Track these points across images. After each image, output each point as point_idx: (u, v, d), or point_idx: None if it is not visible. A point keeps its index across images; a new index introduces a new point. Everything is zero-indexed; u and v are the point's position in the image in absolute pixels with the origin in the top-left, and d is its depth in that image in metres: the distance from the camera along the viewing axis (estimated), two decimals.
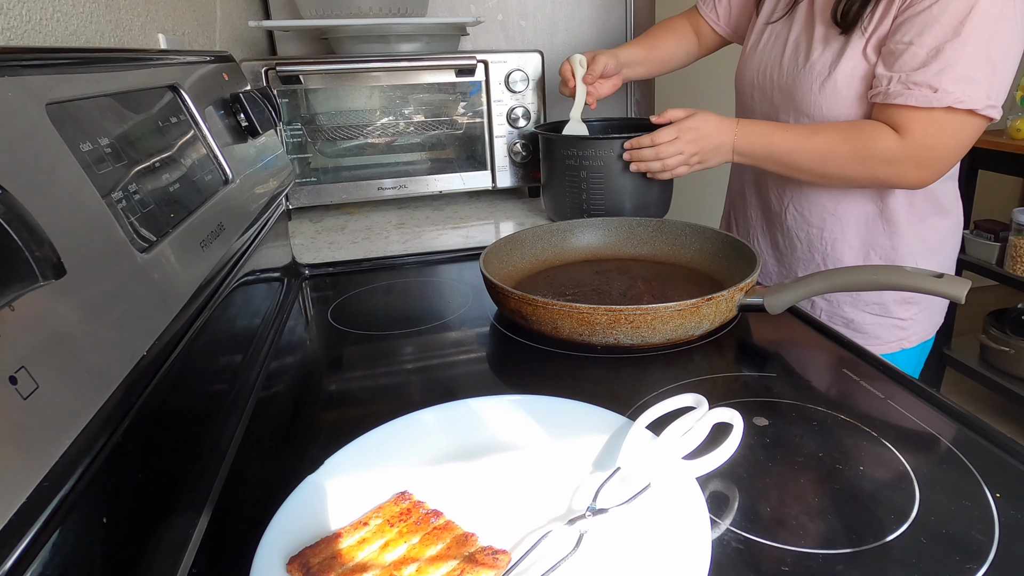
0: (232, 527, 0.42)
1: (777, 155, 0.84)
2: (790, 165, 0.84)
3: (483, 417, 0.49)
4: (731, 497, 0.42)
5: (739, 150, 0.86)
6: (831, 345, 0.64)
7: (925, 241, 0.89)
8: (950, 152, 0.77)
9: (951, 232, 0.93)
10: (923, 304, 0.92)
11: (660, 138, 0.87)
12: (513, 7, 1.35)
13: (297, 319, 0.77)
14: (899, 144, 0.76)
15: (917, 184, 0.79)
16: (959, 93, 0.72)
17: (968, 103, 0.72)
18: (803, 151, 0.82)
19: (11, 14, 0.49)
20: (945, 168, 0.79)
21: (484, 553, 0.35)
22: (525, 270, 0.81)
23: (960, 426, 0.49)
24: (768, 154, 0.84)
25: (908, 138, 0.75)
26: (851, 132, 0.80)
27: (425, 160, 1.21)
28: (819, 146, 0.81)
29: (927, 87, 0.72)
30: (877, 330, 0.92)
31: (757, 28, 0.96)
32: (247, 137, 0.69)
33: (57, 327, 0.29)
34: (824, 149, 0.81)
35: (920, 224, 0.88)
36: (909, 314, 0.92)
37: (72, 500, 0.28)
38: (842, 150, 0.79)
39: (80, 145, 0.37)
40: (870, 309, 0.92)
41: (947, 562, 0.36)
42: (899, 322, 0.92)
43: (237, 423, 0.53)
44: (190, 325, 0.44)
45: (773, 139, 0.84)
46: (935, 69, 0.72)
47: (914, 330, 0.93)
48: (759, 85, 0.93)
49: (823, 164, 0.81)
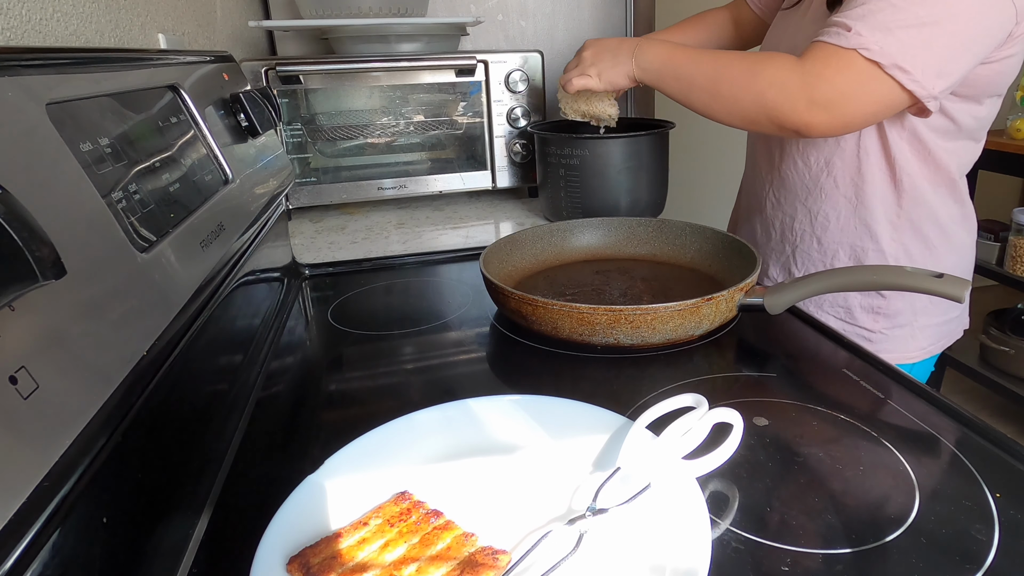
0: (232, 527, 0.42)
1: (674, 66, 0.80)
2: (684, 80, 0.79)
3: (483, 417, 0.49)
4: (731, 497, 0.42)
5: (640, 61, 0.83)
6: (831, 345, 0.64)
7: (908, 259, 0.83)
8: (851, 101, 0.69)
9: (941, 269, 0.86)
10: (897, 321, 0.86)
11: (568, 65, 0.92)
12: (513, 7, 1.35)
13: (297, 319, 0.77)
14: (795, 66, 0.70)
15: (806, 125, 0.71)
16: (869, 40, 0.65)
17: (876, 55, 0.65)
18: (699, 64, 0.78)
19: (11, 14, 0.49)
20: (844, 120, 0.71)
21: (484, 553, 0.35)
22: (525, 270, 0.81)
23: (960, 426, 0.49)
24: (664, 65, 0.81)
25: (806, 63, 0.69)
26: (751, 53, 0.77)
27: (425, 160, 1.21)
28: (716, 61, 0.77)
29: (842, 26, 0.67)
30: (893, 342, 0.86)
31: (776, 18, 0.94)
32: (247, 137, 0.69)
33: (57, 327, 0.29)
34: (720, 63, 0.76)
35: (897, 239, 0.83)
36: (878, 327, 0.86)
37: (72, 500, 0.28)
38: (737, 66, 0.75)
39: (80, 145, 0.37)
40: (835, 312, 0.88)
41: (947, 562, 0.36)
42: (865, 332, 0.87)
43: (237, 423, 0.53)
44: (190, 325, 0.44)
45: (674, 51, 0.81)
46: (859, 13, 0.67)
47: (884, 346, 0.87)
48: None
49: (715, 78, 0.76)
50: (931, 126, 0.77)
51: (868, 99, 0.69)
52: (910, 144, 0.79)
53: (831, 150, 0.83)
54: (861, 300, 0.86)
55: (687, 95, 0.80)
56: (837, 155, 0.83)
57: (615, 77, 0.86)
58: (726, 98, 0.76)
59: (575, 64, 0.90)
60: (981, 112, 0.78)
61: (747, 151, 1.02)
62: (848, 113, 0.70)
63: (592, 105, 0.96)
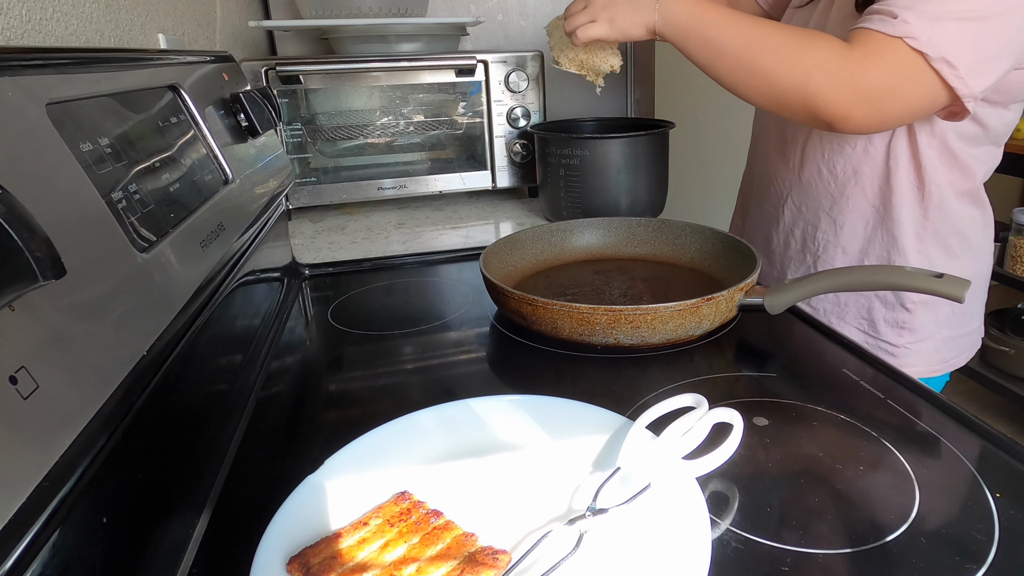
0: (232, 527, 0.42)
1: (705, 24, 0.70)
2: (715, 42, 0.70)
3: (483, 417, 0.49)
4: (731, 497, 0.42)
5: (665, 11, 0.72)
6: (831, 345, 0.64)
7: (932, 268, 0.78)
8: (895, 92, 0.64)
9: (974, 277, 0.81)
10: (921, 335, 0.84)
11: (571, 5, 0.79)
12: (513, 7, 1.35)
13: (297, 319, 0.77)
14: (843, 52, 0.64)
15: (844, 115, 0.66)
16: (916, 28, 0.61)
17: (922, 44, 0.61)
18: (734, 29, 0.69)
19: (11, 14, 0.49)
20: (886, 113, 0.66)
21: (484, 553, 0.35)
22: (525, 270, 0.81)
23: (960, 426, 0.49)
24: (694, 21, 0.71)
25: (854, 51, 0.64)
26: (797, 28, 0.69)
27: (425, 160, 1.21)
28: (755, 29, 0.69)
29: (887, 13, 0.63)
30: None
31: (787, 14, 0.90)
32: (247, 137, 0.69)
33: (57, 327, 0.29)
34: (760, 33, 0.68)
35: (922, 250, 0.80)
36: (902, 341, 0.84)
37: (72, 500, 0.28)
38: (779, 37, 0.67)
39: (80, 145, 0.37)
40: (859, 324, 0.85)
41: (947, 562, 0.36)
42: (888, 347, 0.85)
43: (237, 423, 0.53)
44: (190, 325, 0.44)
45: (707, 8, 0.71)
46: (905, 2, 0.62)
47: (907, 359, 0.85)
48: None
49: (752, 47, 0.68)
50: (960, 132, 0.75)
51: (910, 95, 0.65)
52: (939, 152, 0.76)
53: (859, 158, 0.80)
54: (885, 314, 0.83)
55: (713, 61, 0.71)
56: (866, 163, 0.79)
57: (630, 27, 0.75)
58: (759, 74, 0.68)
59: (582, 6, 0.77)
60: (1008, 117, 0.75)
61: (752, 157, 0.98)
62: (889, 109, 0.66)
63: (593, 54, 0.85)
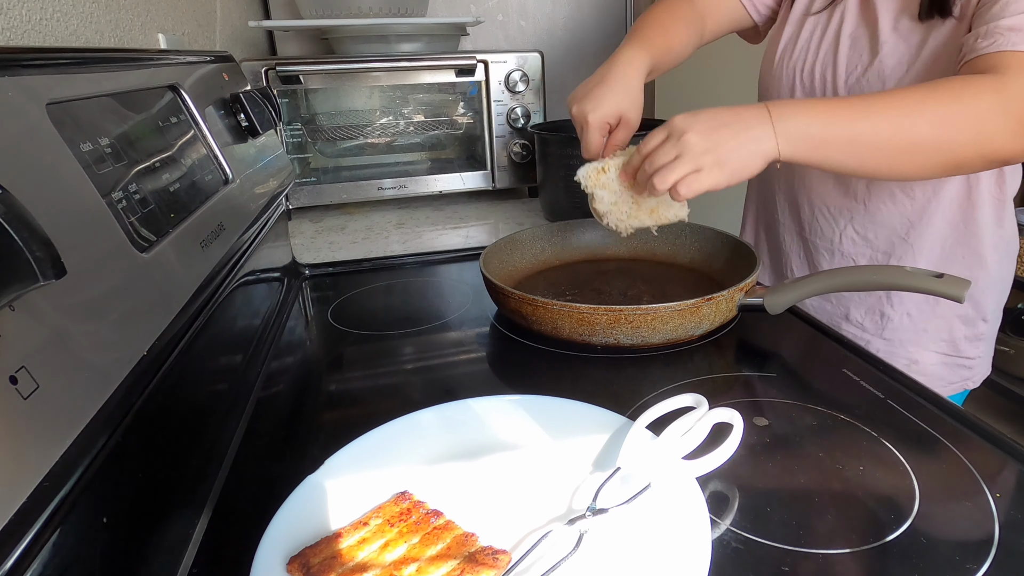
0: (232, 527, 0.42)
1: (843, 127, 0.57)
2: (865, 140, 0.57)
3: (483, 417, 0.49)
4: (731, 497, 0.42)
5: (786, 131, 0.56)
6: (831, 345, 0.64)
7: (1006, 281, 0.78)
8: None
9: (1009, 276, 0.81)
10: (989, 340, 0.82)
11: (647, 144, 0.61)
12: (513, 7, 1.35)
13: (297, 319, 0.77)
14: (1002, 84, 0.56)
15: (1017, 149, 0.58)
16: None
17: None
18: (878, 114, 0.57)
19: (11, 14, 0.49)
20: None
21: (484, 553, 0.35)
22: (525, 270, 0.81)
23: (960, 426, 0.49)
24: (829, 129, 0.57)
25: (1007, 78, 0.56)
26: (933, 85, 0.59)
27: (425, 160, 1.21)
28: (899, 104, 0.57)
29: (1016, 30, 0.57)
30: (940, 370, 0.81)
31: (794, 20, 0.81)
32: (247, 137, 0.69)
33: (57, 327, 0.29)
34: (907, 106, 0.57)
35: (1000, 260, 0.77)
36: (977, 352, 0.82)
37: (72, 500, 0.28)
38: (932, 102, 0.57)
39: (80, 145, 0.37)
40: (937, 347, 0.81)
41: (947, 562, 0.36)
42: (966, 361, 0.82)
43: (237, 423, 0.53)
44: (190, 325, 0.44)
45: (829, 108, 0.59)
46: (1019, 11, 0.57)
47: (979, 369, 0.84)
48: (807, 89, 0.78)
49: (910, 126, 0.57)
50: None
51: None
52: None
53: (940, 179, 0.73)
54: (965, 332, 0.80)
55: (867, 160, 0.59)
56: (947, 182, 0.74)
57: (747, 163, 0.57)
58: (928, 147, 0.58)
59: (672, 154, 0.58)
60: None
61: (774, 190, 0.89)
62: None
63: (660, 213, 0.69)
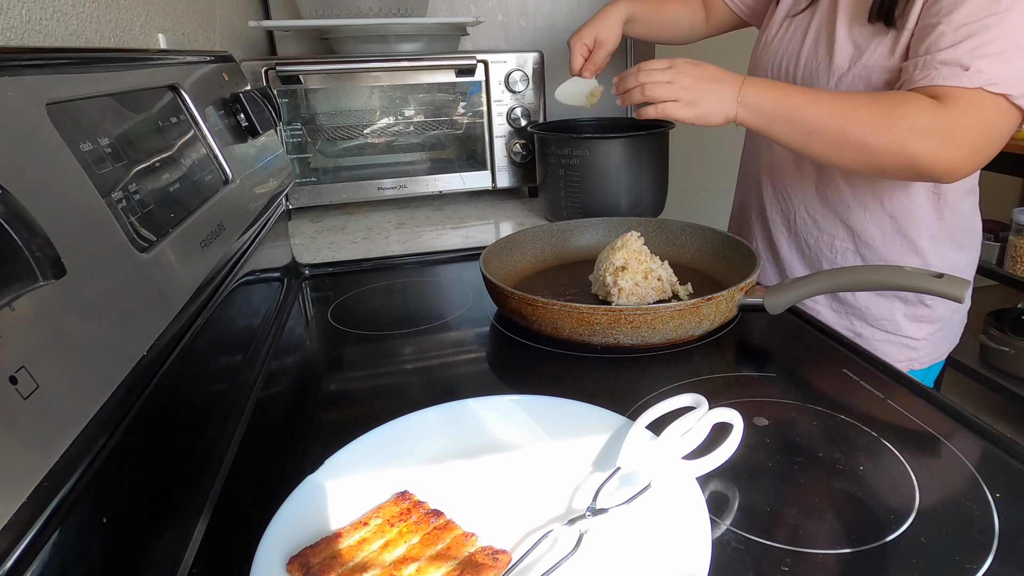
0: (232, 527, 0.42)
1: (788, 108, 0.71)
2: (803, 123, 0.70)
3: (483, 417, 0.49)
4: (731, 497, 0.42)
5: (745, 98, 0.72)
6: (831, 345, 0.64)
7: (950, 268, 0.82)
8: (991, 138, 0.67)
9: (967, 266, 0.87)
10: (938, 325, 0.87)
11: (650, 64, 0.75)
12: (513, 7, 1.35)
13: (297, 319, 0.77)
14: (935, 110, 0.65)
15: (950, 170, 0.67)
16: (992, 74, 0.63)
17: (1002, 87, 0.63)
18: (820, 105, 0.70)
19: (11, 14, 0.49)
20: (981, 158, 0.68)
21: (484, 553, 0.35)
22: (525, 270, 0.81)
23: (960, 426, 0.49)
24: (777, 106, 0.71)
25: (945, 109, 0.65)
26: (879, 94, 0.70)
27: (425, 160, 1.21)
28: (841, 102, 0.70)
29: (957, 65, 0.64)
30: (885, 347, 0.88)
31: (776, 20, 0.90)
32: (247, 137, 0.69)
33: (57, 327, 0.29)
34: (846, 106, 0.69)
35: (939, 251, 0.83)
36: (922, 334, 0.87)
37: (72, 500, 0.28)
38: (867, 108, 0.68)
39: (80, 145, 0.37)
40: (880, 325, 0.87)
41: (947, 562, 0.36)
42: (910, 341, 0.87)
43: (237, 423, 0.53)
44: (190, 325, 0.44)
45: (787, 92, 0.72)
46: (967, 47, 0.64)
47: (926, 351, 0.88)
48: (775, 78, 0.87)
49: (843, 123, 0.68)
50: None
51: (1000, 133, 0.67)
52: None
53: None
54: (905, 310, 0.86)
55: (804, 141, 0.72)
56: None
57: (712, 114, 0.73)
58: (855, 146, 0.69)
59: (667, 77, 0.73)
60: None
61: (750, 168, 0.98)
62: (986, 152, 0.68)
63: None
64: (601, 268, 0.71)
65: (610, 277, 0.69)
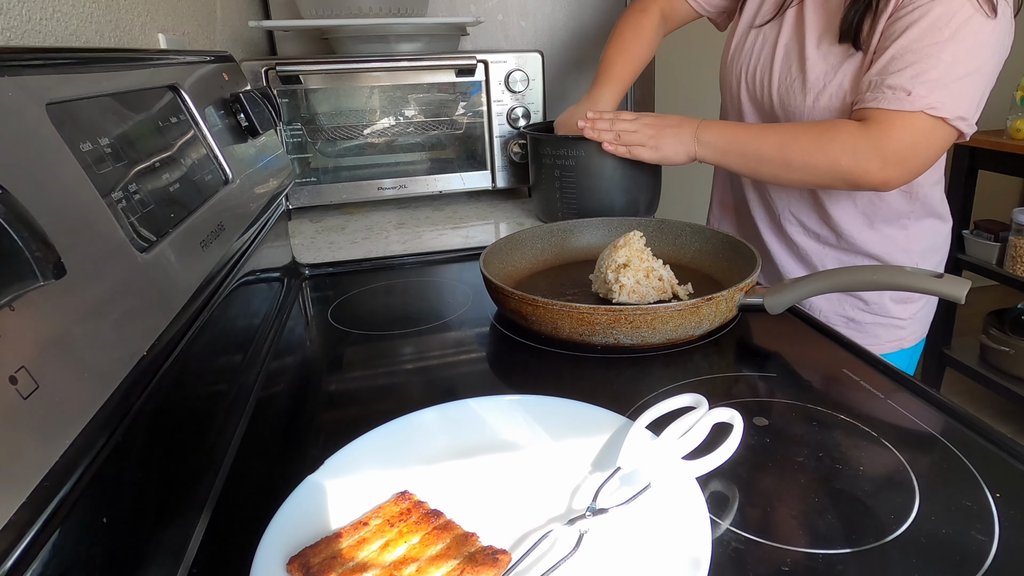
0: (232, 527, 0.42)
1: (739, 143, 0.83)
2: (751, 154, 0.82)
3: (483, 417, 0.49)
4: (731, 497, 0.42)
5: (702, 139, 0.85)
6: (831, 345, 0.64)
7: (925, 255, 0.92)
8: (920, 154, 0.75)
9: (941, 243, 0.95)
10: (921, 302, 0.93)
11: (621, 115, 0.90)
12: (513, 7, 1.35)
13: (297, 319, 0.77)
14: (863, 132, 0.75)
15: (883, 182, 0.77)
16: (933, 99, 0.71)
17: (941, 111, 0.71)
18: (764, 140, 0.81)
19: (11, 14, 0.49)
20: (914, 171, 0.77)
21: (484, 553, 0.35)
22: (525, 270, 0.81)
23: (960, 426, 0.49)
24: (729, 143, 0.84)
25: (873, 128, 0.74)
26: (814, 123, 0.82)
27: (425, 160, 1.21)
28: (780, 133, 0.81)
29: (901, 90, 0.72)
30: (876, 329, 0.93)
31: (740, 29, 0.95)
32: (247, 137, 0.69)
33: (57, 327, 0.29)
34: (786, 136, 0.80)
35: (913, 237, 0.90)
36: (908, 313, 0.92)
37: (72, 500, 0.28)
38: (804, 136, 0.79)
39: (80, 145, 0.37)
40: (869, 308, 0.92)
41: (947, 562, 0.36)
42: (898, 321, 0.92)
43: (237, 423, 0.53)
44: (190, 325, 0.44)
45: (736, 129, 0.85)
46: (910, 73, 0.71)
47: (911, 329, 0.94)
48: (750, 91, 0.93)
49: (783, 149, 0.80)
50: None
51: (934, 148, 0.75)
52: None
53: None
54: (891, 294, 0.91)
55: (755, 169, 0.84)
56: None
57: (673, 154, 0.87)
58: (798, 168, 0.79)
59: (633, 128, 0.89)
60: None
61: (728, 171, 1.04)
62: (919, 164, 0.76)
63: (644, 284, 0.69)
64: (603, 266, 0.71)
65: (612, 274, 0.69)
